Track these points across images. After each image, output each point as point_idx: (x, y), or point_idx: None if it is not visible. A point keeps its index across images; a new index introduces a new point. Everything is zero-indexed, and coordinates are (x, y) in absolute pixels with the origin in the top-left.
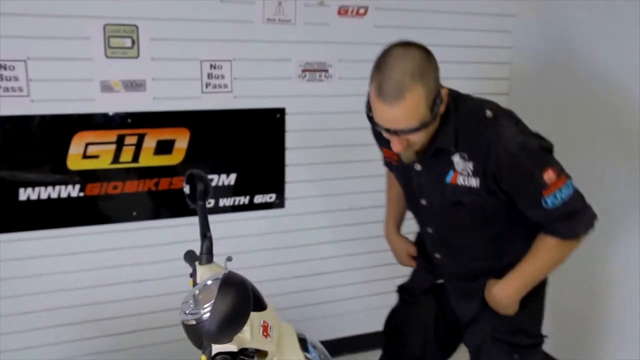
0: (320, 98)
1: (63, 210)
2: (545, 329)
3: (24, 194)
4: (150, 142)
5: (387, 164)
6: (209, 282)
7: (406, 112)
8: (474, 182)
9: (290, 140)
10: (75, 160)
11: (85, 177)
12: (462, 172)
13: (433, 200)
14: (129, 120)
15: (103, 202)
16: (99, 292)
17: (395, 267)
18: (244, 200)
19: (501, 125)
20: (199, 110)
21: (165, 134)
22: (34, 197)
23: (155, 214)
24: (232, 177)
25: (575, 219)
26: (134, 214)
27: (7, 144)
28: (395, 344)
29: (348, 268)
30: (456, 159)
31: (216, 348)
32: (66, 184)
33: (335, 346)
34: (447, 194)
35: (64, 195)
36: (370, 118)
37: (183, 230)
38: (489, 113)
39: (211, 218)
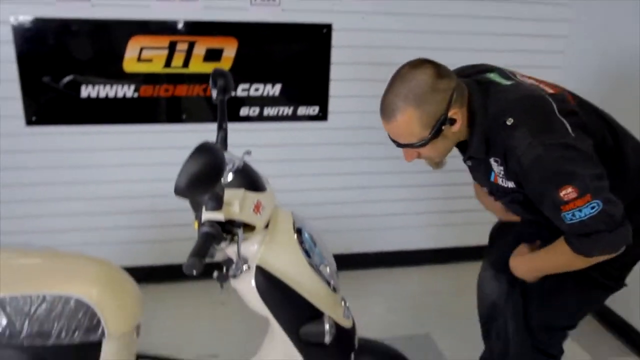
0: (368, 15)
1: (119, 108)
2: None
3: (85, 92)
4: (200, 50)
5: None
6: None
7: (399, 130)
8: (510, 184)
9: (336, 55)
10: (130, 63)
11: (140, 80)
12: (499, 174)
13: (488, 190)
14: (181, 27)
15: (155, 104)
16: (147, 186)
17: (438, 188)
18: (287, 110)
19: (515, 136)
20: (247, 22)
21: (214, 43)
22: (93, 95)
23: (203, 118)
24: (277, 88)
25: (592, 239)
26: (184, 116)
27: (71, 45)
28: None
29: (387, 185)
30: (492, 162)
31: (206, 216)
32: (122, 84)
33: (371, 260)
34: (494, 190)
35: (120, 95)
36: None
37: (231, 135)
38: (509, 121)
39: (255, 126)
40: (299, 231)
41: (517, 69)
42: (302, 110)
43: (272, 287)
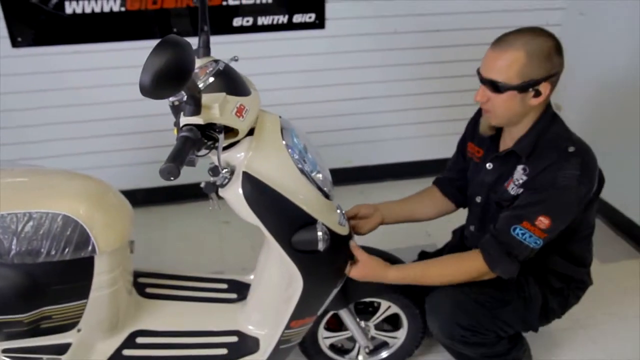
0: None
1: (107, 25)
2: None
3: (69, 8)
4: None
5: (469, 158)
6: (195, 71)
7: (498, 62)
8: (516, 192)
9: None
10: None
11: None
12: (516, 181)
13: (486, 198)
14: None
15: (143, 18)
16: (142, 105)
17: (442, 96)
18: (282, 19)
19: (570, 162)
20: None
21: None
22: (79, 10)
23: (196, 31)
24: None
25: (509, 259)
26: (175, 30)
27: None
28: None
29: (389, 94)
30: (519, 169)
31: (185, 121)
32: None
33: (374, 172)
34: (498, 194)
35: (106, 9)
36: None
37: (223, 48)
38: (571, 149)
39: (249, 37)
40: (287, 136)
41: None
42: (297, 18)
43: (260, 193)
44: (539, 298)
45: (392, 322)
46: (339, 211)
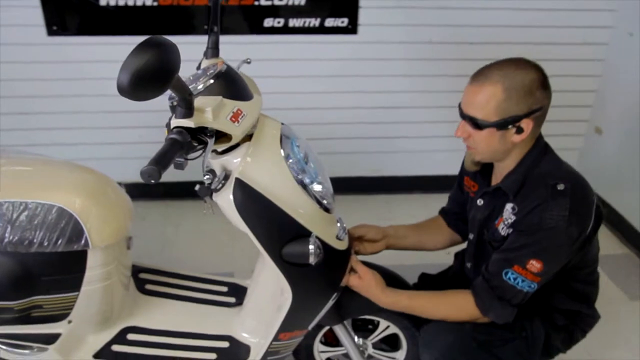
0: None
1: (139, 18)
2: None
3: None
4: None
5: (466, 192)
6: (199, 72)
7: (476, 97)
8: (506, 233)
9: None
10: None
11: None
12: (505, 221)
13: (478, 236)
14: None
15: (175, 13)
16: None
17: None
18: (314, 22)
19: (557, 201)
20: None
21: None
22: (112, 2)
23: (227, 29)
24: None
25: (500, 304)
26: (205, 27)
27: None
28: None
29: (421, 105)
30: (508, 207)
31: (175, 123)
32: None
33: (402, 183)
34: (489, 233)
35: (139, 3)
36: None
37: (253, 48)
38: (561, 186)
39: (279, 38)
40: (286, 144)
41: None
42: (330, 22)
43: (251, 201)
44: (541, 337)
45: (392, 343)
46: (339, 224)
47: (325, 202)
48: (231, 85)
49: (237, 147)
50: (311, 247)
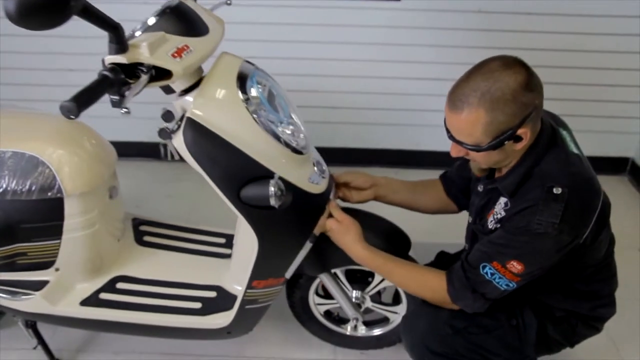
0: None
1: None
2: None
3: None
4: None
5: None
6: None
7: (459, 125)
8: (493, 227)
9: None
10: None
11: None
12: (495, 214)
13: (474, 222)
14: None
15: None
16: None
17: None
18: None
19: (550, 207)
20: None
21: None
22: None
23: None
24: None
25: (473, 296)
26: None
27: None
28: None
29: None
30: (502, 201)
31: (108, 59)
32: None
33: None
34: (479, 224)
35: None
36: None
37: (297, 11)
38: (557, 190)
39: (320, 3)
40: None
41: None
42: None
43: (203, 140)
44: (533, 326)
45: (395, 298)
46: (315, 168)
47: (294, 143)
48: (181, 20)
49: (195, 87)
50: (272, 188)
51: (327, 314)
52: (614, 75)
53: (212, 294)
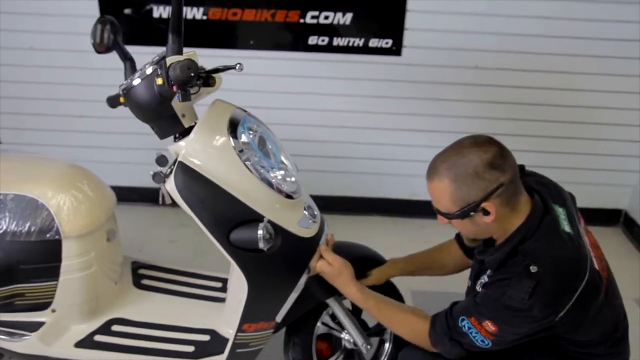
0: None
1: (188, 31)
2: None
3: (157, 12)
4: None
5: None
6: (148, 66)
7: (433, 192)
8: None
9: None
10: None
11: (209, 2)
12: (482, 279)
13: (472, 285)
14: None
15: (223, 27)
16: None
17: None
18: (358, 42)
19: (522, 282)
20: None
21: None
22: (165, 15)
23: (270, 45)
24: (348, 17)
25: (451, 343)
26: (251, 42)
27: None
28: None
29: (464, 130)
30: (488, 271)
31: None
32: (192, 6)
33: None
34: (473, 287)
35: (189, 16)
36: None
37: (298, 65)
38: (533, 268)
39: (323, 56)
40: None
41: None
42: (374, 43)
43: (193, 183)
44: None
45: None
46: (306, 212)
47: (285, 187)
48: None
49: (188, 133)
50: (260, 231)
51: None
52: (607, 129)
53: (206, 338)
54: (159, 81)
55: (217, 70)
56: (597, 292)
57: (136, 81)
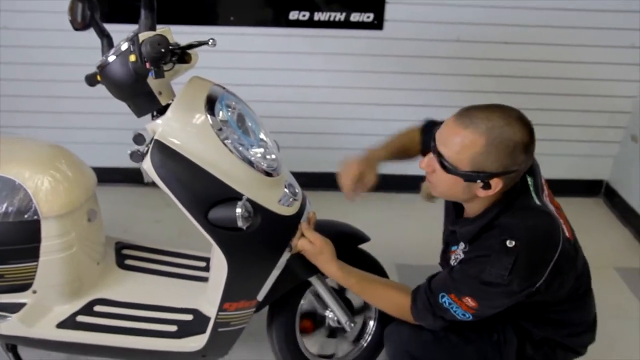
0: None
1: (167, 7)
2: None
3: None
4: None
5: None
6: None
7: (453, 140)
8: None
9: None
10: None
11: None
12: (456, 255)
13: (444, 249)
14: None
15: (203, 3)
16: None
17: None
18: (339, 16)
19: (501, 259)
20: None
21: None
22: None
23: (253, 20)
24: None
25: (434, 318)
26: (231, 18)
27: None
28: None
29: (446, 104)
30: (462, 244)
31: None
32: None
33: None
34: (445, 257)
35: None
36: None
37: (280, 40)
38: (510, 243)
39: (304, 32)
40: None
41: None
42: (355, 17)
43: (170, 162)
44: (513, 344)
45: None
46: (286, 189)
47: (264, 165)
48: None
49: (166, 111)
50: (239, 210)
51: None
52: (587, 100)
53: (189, 317)
54: (132, 58)
55: (190, 47)
56: (569, 260)
57: (111, 58)
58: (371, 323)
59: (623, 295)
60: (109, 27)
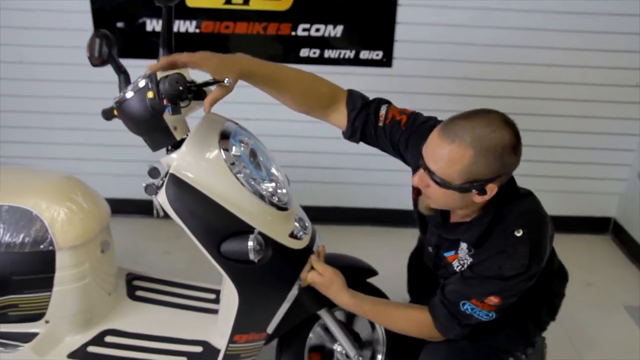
0: None
1: (181, 44)
2: None
3: (150, 26)
4: None
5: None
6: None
7: (441, 154)
8: (460, 269)
9: None
10: None
11: (201, 15)
12: (461, 260)
13: (435, 253)
14: None
15: (216, 40)
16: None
17: None
18: (349, 54)
19: (517, 251)
20: None
21: None
22: (158, 28)
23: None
24: (339, 29)
25: (460, 327)
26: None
27: None
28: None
29: None
30: (464, 246)
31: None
32: (184, 19)
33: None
34: (441, 265)
35: (182, 29)
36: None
37: None
38: (519, 232)
39: (314, 69)
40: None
41: None
42: (364, 55)
43: (184, 195)
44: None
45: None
46: (297, 223)
47: (275, 199)
48: None
49: (180, 145)
50: (251, 243)
51: None
52: (594, 138)
53: (199, 349)
54: (150, 95)
55: (206, 84)
56: (552, 230)
57: (129, 94)
58: (379, 357)
59: (633, 334)
60: (125, 63)
